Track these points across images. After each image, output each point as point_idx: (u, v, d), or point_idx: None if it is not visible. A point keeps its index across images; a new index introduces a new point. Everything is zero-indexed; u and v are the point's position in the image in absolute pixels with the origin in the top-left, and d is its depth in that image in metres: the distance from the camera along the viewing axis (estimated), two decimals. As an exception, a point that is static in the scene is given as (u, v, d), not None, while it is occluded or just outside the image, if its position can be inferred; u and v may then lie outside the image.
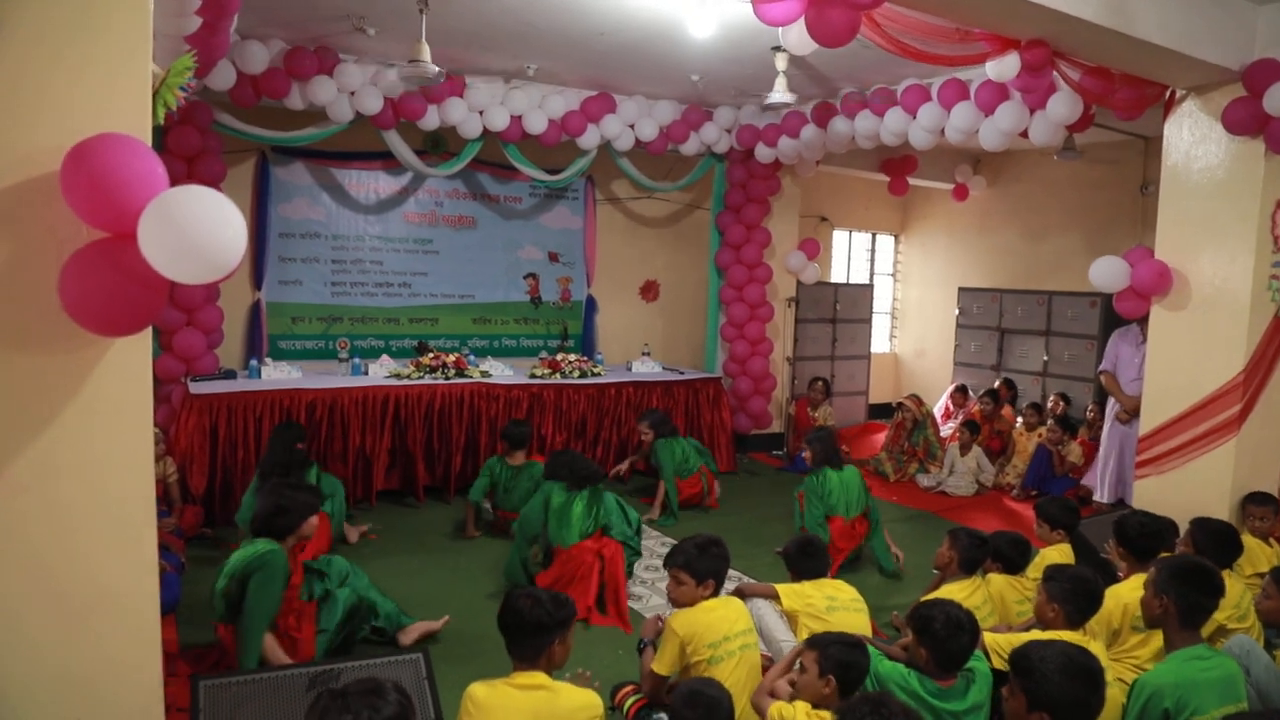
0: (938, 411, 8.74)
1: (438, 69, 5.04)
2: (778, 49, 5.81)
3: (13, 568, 2.06)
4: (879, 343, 10.70)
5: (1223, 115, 4.62)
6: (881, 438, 8.41)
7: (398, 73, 5.17)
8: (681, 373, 7.70)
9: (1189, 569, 2.95)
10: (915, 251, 10.86)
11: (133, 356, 2.15)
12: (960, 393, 8.76)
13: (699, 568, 3.26)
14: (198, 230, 1.91)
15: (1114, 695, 2.86)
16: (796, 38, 3.85)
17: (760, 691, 2.99)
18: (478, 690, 2.57)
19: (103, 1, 2.04)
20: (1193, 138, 4.88)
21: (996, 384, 8.50)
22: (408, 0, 4.91)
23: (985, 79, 5.69)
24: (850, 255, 10.77)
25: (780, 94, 5.88)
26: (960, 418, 8.32)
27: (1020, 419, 7.85)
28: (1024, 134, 5.67)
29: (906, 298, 10.98)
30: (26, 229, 2.01)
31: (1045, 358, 8.42)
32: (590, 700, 2.64)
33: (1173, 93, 4.94)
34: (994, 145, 5.81)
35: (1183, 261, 4.94)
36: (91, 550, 2.14)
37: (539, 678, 2.60)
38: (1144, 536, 3.64)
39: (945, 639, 2.77)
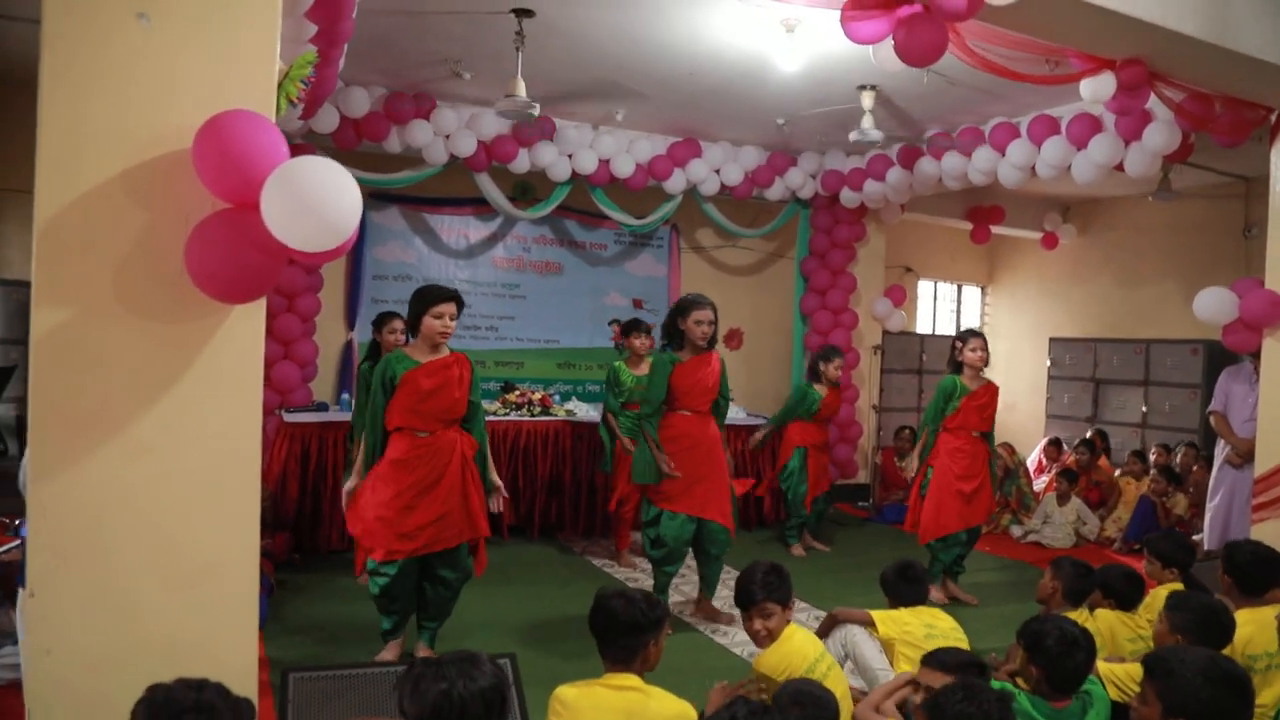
0: (1030, 465, 8.43)
1: (535, 102, 5.21)
2: (864, 87, 5.87)
3: (128, 530, 2.13)
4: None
5: (1333, 137, 4.46)
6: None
7: (496, 107, 5.37)
8: (766, 418, 7.61)
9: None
10: (1004, 302, 10.63)
11: (248, 328, 2.23)
12: (1054, 445, 8.44)
13: (783, 593, 3.14)
14: (316, 197, 1.99)
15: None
16: (887, 55, 3.86)
17: (868, 705, 2.86)
18: (566, 692, 2.51)
19: (236, -6, 2.18)
20: (1302, 162, 4.71)
21: (1089, 434, 8.17)
22: (502, 44, 5.12)
23: (1076, 113, 5.64)
24: (935, 306, 10.60)
25: (869, 131, 5.91)
26: (1054, 470, 8.00)
27: (1119, 470, 7.51)
28: (1119, 167, 5.55)
29: (995, 350, 10.57)
30: (158, 202, 2.12)
31: (1144, 408, 8.08)
32: (683, 710, 2.55)
33: (1278, 117, 4.79)
34: (1087, 179, 5.69)
35: (1296, 290, 4.72)
36: (202, 515, 2.19)
37: (632, 679, 2.53)
38: (1256, 564, 3.39)
39: (1059, 656, 2.60)
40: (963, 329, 5.57)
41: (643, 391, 5.03)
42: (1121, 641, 3.72)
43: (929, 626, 3.47)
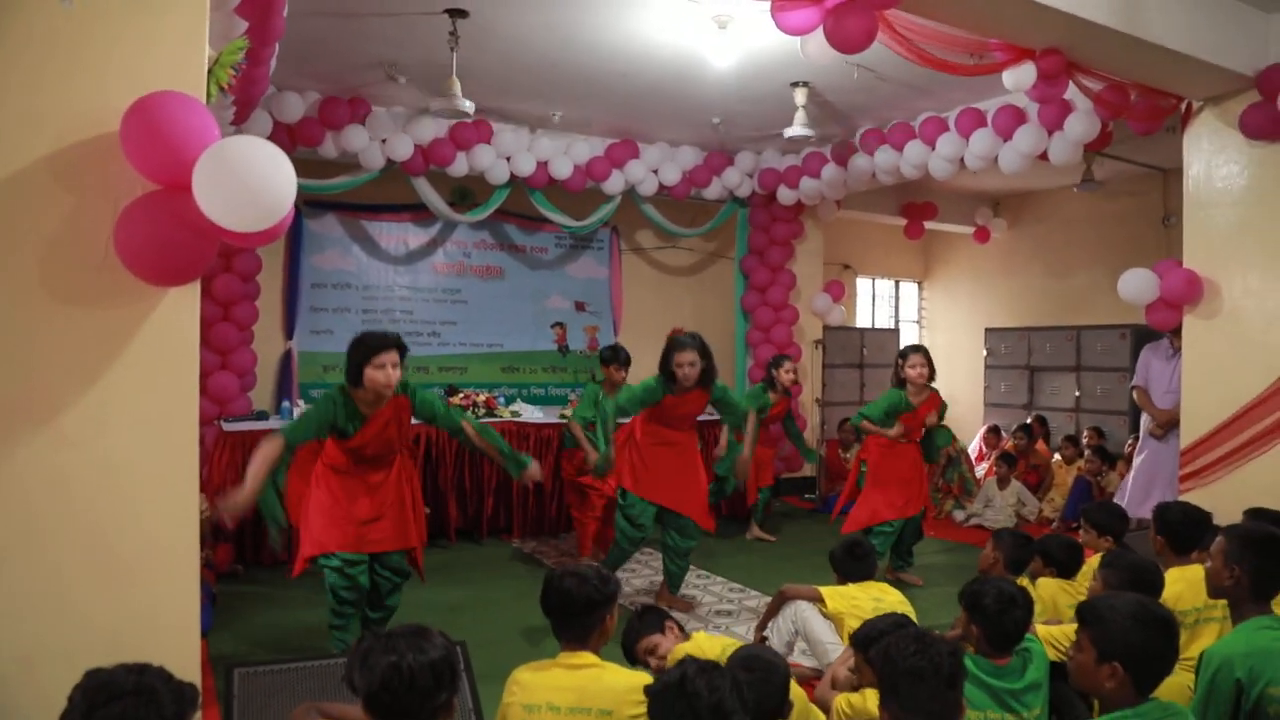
0: (971, 452, 8.63)
1: (470, 103, 5.21)
2: (797, 84, 5.97)
3: (60, 522, 2.08)
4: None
5: (1240, 122, 4.66)
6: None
7: (431, 107, 5.34)
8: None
9: (1262, 538, 2.84)
10: (939, 297, 10.88)
11: (181, 313, 2.19)
12: (993, 433, 8.66)
13: (651, 624, 3.08)
14: (249, 175, 1.97)
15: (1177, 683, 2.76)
16: (816, 47, 3.95)
17: (823, 685, 2.90)
18: (522, 674, 2.49)
19: (163, -27, 2.16)
20: (1212, 147, 4.92)
21: (1029, 419, 8.40)
22: (437, 45, 5.11)
23: (1001, 105, 5.82)
24: (874, 303, 10.81)
25: (800, 128, 6.02)
26: (994, 456, 8.20)
27: (1057, 453, 7.74)
28: (1044, 156, 5.73)
29: (933, 343, 10.90)
30: (85, 184, 2.08)
31: (1077, 393, 8.33)
32: (637, 682, 2.56)
33: (1189, 105, 5.00)
34: (1014, 169, 5.87)
35: (1212, 269, 4.92)
36: (137, 506, 2.15)
37: (588, 657, 2.51)
38: (1187, 524, 3.54)
39: (998, 614, 2.68)
40: (904, 346, 5.78)
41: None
42: (1063, 608, 3.82)
43: (877, 600, 3.54)
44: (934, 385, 5.68)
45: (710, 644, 3.00)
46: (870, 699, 2.50)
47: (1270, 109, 4.51)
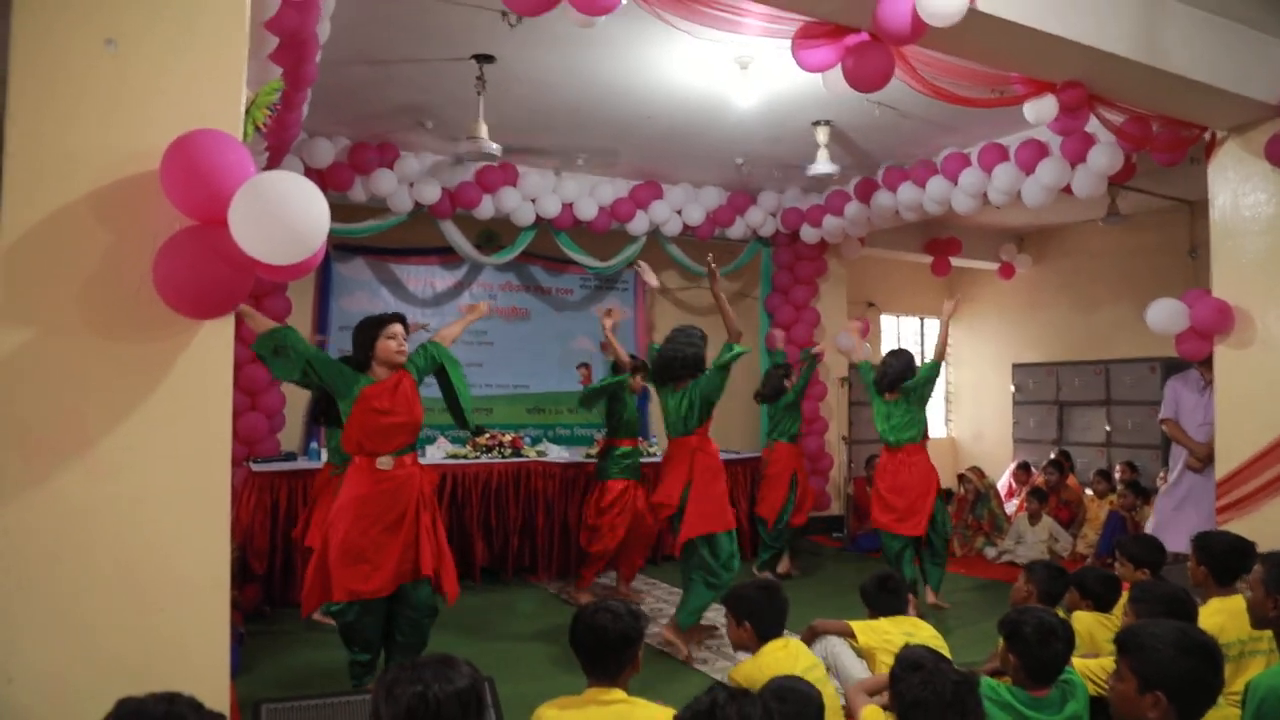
0: (1000, 489, 8.51)
1: (497, 146, 5.30)
2: (818, 123, 6.04)
3: (90, 554, 2.10)
4: (934, 428, 10.53)
5: (1265, 150, 4.64)
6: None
7: (459, 149, 5.44)
8: (737, 453, 7.65)
9: (1304, 567, 2.79)
10: (965, 333, 10.82)
11: (216, 346, 2.23)
12: (1022, 469, 8.53)
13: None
14: (284, 209, 2.02)
15: (1222, 717, 2.68)
16: (837, 82, 3.99)
17: (857, 689, 2.86)
18: (547, 710, 2.44)
19: (204, 18, 2.23)
20: (1238, 176, 4.89)
21: (1053, 454, 8.29)
22: (464, 91, 5.23)
23: (1024, 140, 5.84)
24: (900, 340, 10.75)
25: (823, 165, 6.07)
26: (1024, 492, 8.09)
27: (1089, 488, 7.62)
28: (1067, 190, 5.73)
29: (960, 380, 10.87)
30: (125, 223, 2.14)
31: (1108, 428, 8.22)
32: (669, 716, 2.52)
33: (1213, 135, 5.00)
34: (1038, 203, 5.87)
35: (1242, 298, 4.87)
36: (169, 539, 2.17)
37: (617, 693, 2.46)
38: (1232, 555, 3.45)
39: (1037, 644, 2.62)
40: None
41: (636, 425, 5.94)
42: (1100, 642, 3.73)
43: (909, 635, 3.47)
44: None
45: (792, 660, 2.97)
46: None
47: (1295, 137, 4.50)
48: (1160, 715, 2.14)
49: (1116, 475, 7.59)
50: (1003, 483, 8.70)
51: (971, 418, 10.68)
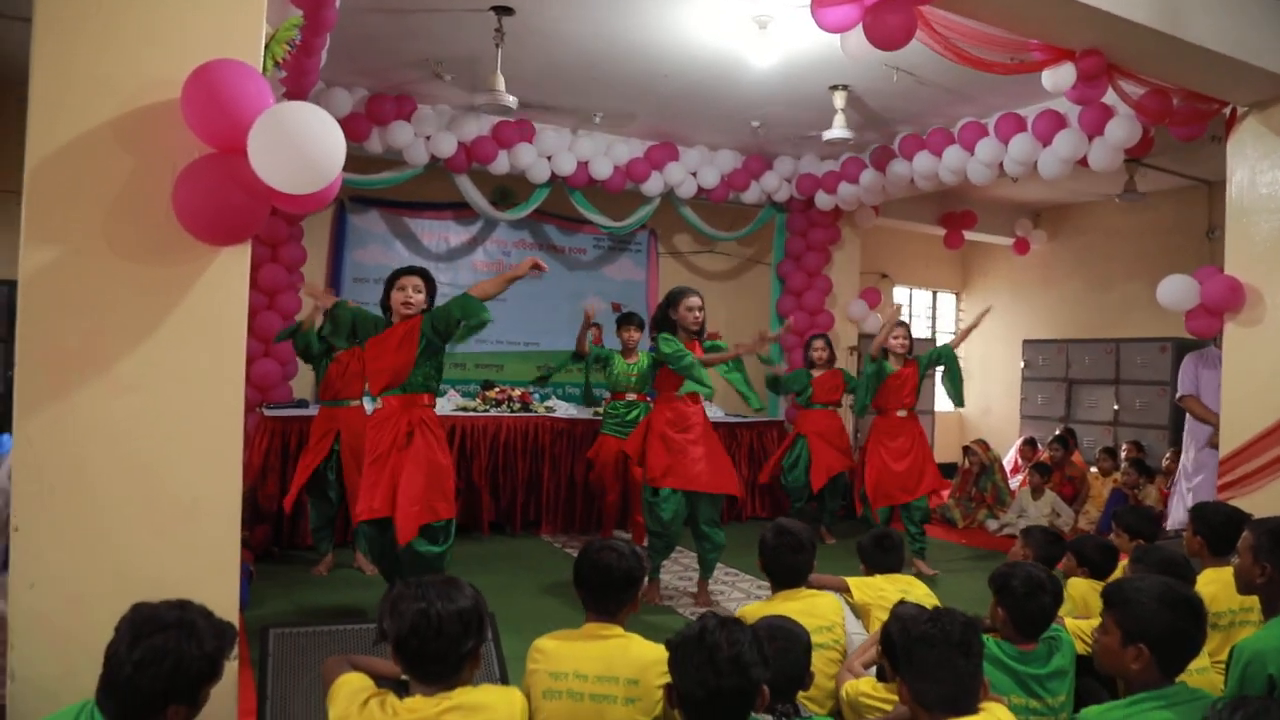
0: (1006, 466, 8.55)
1: (513, 98, 5.31)
2: (836, 87, 6.01)
3: (112, 463, 2.17)
4: (943, 402, 10.56)
5: (1286, 127, 4.62)
6: (945, 495, 8.24)
7: (476, 101, 5.46)
8: (744, 417, 7.71)
9: (1291, 533, 2.82)
10: (977, 308, 10.75)
11: (232, 273, 2.29)
12: (1029, 445, 8.58)
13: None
14: (301, 139, 2.06)
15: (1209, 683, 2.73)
16: (855, 44, 3.99)
17: (845, 668, 2.92)
18: (545, 642, 2.50)
19: (224, -51, 2.27)
20: (1256, 153, 4.86)
21: (1059, 430, 8.31)
22: (482, 44, 5.23)
23: (1041, 110, 5.81)
24: (911, 313, 10.76)
25: (839, 130, 6.05)
26: (1028, 468, 8.13)
27: (1094, 466, 7.65)
28: (1083, 162, 5.70)
29: (970, 355, 10.84)
30: (146, 148, 2.19)
31: (1116, 406, 8.23)
32: (663, 655, 2.58)
33: (1233, 111, 4.96)
34: (1054, 174, 5.85)
35: (1255, 276, 4.86)
36: (185, 456, 2.24)
37: (615, 628, 2.51)
38: (1229, 525, 3.48)
39: (1024, 597, 2.67)
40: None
41: (630, 380, 6.04)
42: (1094, 608, 3.75)
43: (904, 592, 3.52)
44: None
45: (811, 615, 2.98)
46: (865, 682, 2.56)
47: (1316, 114, 4.47)
48: (1142, 667, 2.19)
49: (1122, 454, 7.61)
50: (1009, 458, 8.74)
51: (980, 392, 10.69)
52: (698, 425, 4.89)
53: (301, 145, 2.06)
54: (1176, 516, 5.72)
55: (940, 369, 6.18)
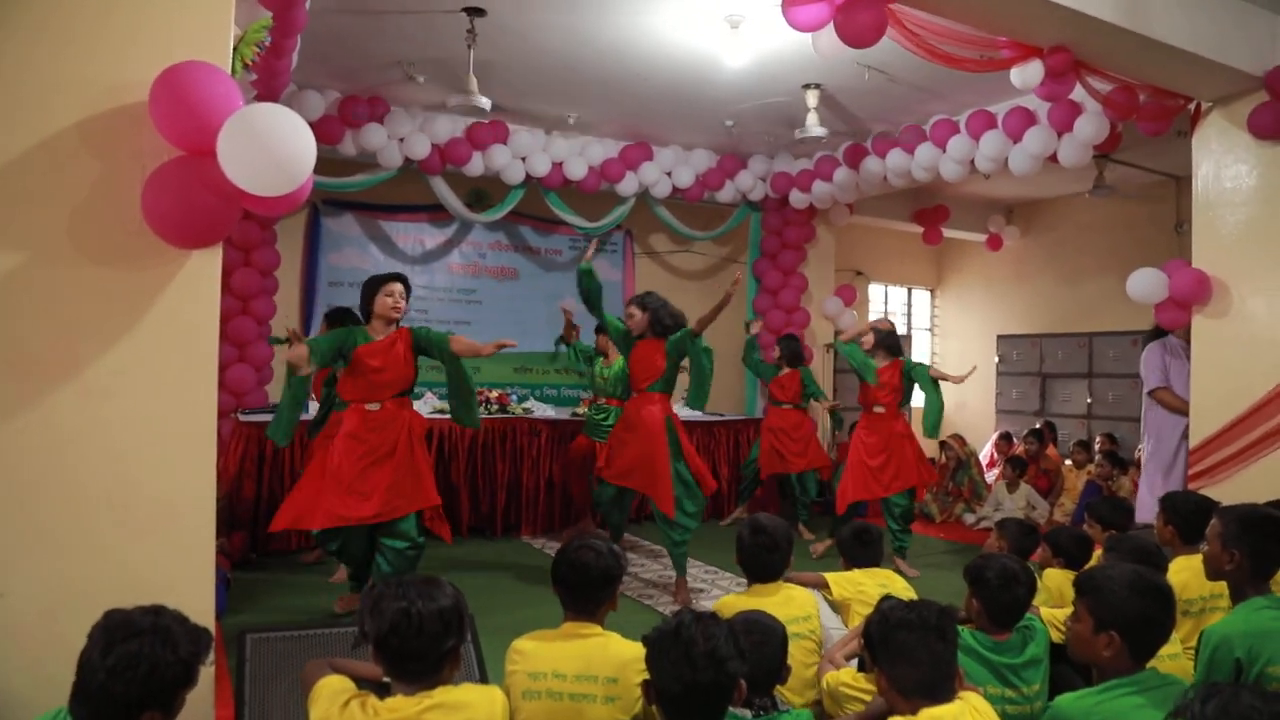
0: (982, 460, 8.62)
1: (487, 100, 5.30)
2: (809, 86, 6.05)
3: (86, 473, 2.15)
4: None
5: (1248, 122, 4.69)
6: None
7: (449, 103, 5.44)
8: (722, 415, 7.73)
9: (1260, 519, 2.86)
10: (952, 304, 10.90)
11: (203, 275, 2.27)
12: (1004, 439, 8.64)
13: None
14: (271, 140, 2.05)
15: (1179, 669, 2.78)
16: (827, 43, 4.02)
17: (823, 663, 2.94)
18: (523, 643, 2.49)
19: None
20: (1221, 147, 4.94)
21: (1038, 425, 8.41)
22: (455, 45, 5.21)
23: (1012, 107, 5.88)
24: (887, 310, 10.83)
25: (813, 128, 6.09)
26: (1004, 462, 8.20)
27: (1068, 459, 7.74)
28: (1053, 159, 5.77)
29: (945, 351, 10.97)
30: (114, 152, 2.17)
31: (1089, 399, 8.34)
32: (642, 653, 2.59)
33: (1198, 106, 5.04)
34: (1024, 171, 5.92)
35: (1221, 269, 4.94)
36: (158, 461, 2.22)
37: (594, 627, 2.50)
38: (1198, 514, 3.54)
39: (999, 588, 2.71)
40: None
41: (605, 385, 6.19)
42: (1070, 599, 3.81)
43: (882, 587, 3.55)
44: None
45: (785, 607, 3.00)
46: (845, 672, 2.58)
47: (1278, 109, 4.54)
48: (1114, 654, 2.22)
49: (1096, 447, 7.71)
50: (985, 452, 8.82)
51: (955, 388, 10.71)
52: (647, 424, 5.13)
53: (271, 146, 2.05)
54: (1145, 507, 5.77)
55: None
